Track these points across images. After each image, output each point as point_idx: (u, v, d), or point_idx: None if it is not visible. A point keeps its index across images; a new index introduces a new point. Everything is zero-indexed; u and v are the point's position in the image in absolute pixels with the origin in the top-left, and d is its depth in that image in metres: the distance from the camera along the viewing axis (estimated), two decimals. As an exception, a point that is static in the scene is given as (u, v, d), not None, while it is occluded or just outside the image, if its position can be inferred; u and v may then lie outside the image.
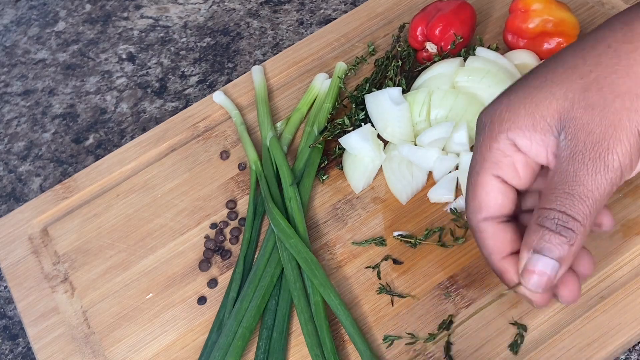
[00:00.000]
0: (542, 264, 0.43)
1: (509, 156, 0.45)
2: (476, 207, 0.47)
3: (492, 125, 0.46)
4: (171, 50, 0.95)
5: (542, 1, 0.71)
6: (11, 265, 0.71)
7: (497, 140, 0.45)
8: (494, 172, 0.46)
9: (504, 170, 0.46)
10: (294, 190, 0.68)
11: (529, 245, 0.44)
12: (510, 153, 0.45)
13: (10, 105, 0.94)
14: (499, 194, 0.46)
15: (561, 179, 0.43)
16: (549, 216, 0.43)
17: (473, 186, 0.47)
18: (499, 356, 0.57)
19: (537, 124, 0.44)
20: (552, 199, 0.43)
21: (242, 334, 0.60)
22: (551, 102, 0.43)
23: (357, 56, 0.78)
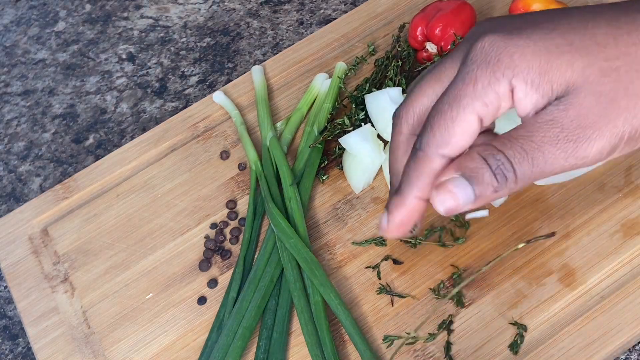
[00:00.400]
0: (461, 189, 0.41)
1: (499, 101, 0.42)
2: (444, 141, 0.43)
3: (499, 62, 0.42)
4: (171, 50, 0.95)
5: (542, 1, 0.71)
6: (11, 265, 0.71)
7: (498, 81, 0.42)
8: (480, 112, 0.43)
9: (488, 114, 0.43)
10: (294, 190, 0.68)
11: (460, 167, 0.42)
12: (504, 98, 0.42)
13: (10, 105, 0.94)
14: (471, 136, 0.43)
15: (527, 135, 0.41)
16: (496, 156, 0.41)
17: (450, 118, 0.43)
18: (499, 356, 0.57)
19: (542, 84, 0.41)
20: (507, 145, 0.41)
21: (242, 334, 0.60)
22: (566, 71, 0.41)
23: (357, 56, 0.78)
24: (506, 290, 0.61)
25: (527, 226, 0.63)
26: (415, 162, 0.44)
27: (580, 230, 0.62)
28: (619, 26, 0.42)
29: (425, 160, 0.44)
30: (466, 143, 0.43)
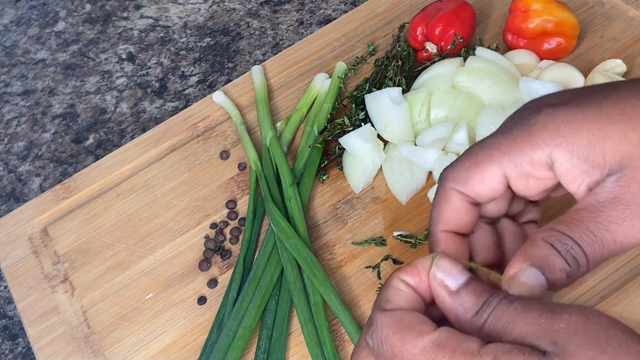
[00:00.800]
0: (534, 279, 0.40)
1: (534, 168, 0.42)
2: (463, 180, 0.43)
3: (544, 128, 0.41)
4: (171, 50, 0.95)
5: (542, 1, 0.71)
6: (11, 265, 0.71)
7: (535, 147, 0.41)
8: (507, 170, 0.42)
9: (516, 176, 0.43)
10: (294, 190, 0.68)
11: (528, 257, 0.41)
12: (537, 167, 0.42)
13: (10, 105, 0.94)
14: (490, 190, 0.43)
15: (591, 216, 0.40)
16: (563, 241, 0.40)
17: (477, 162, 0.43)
18: (499, 356, 0.57)
19: (592, 155, 0.40)
20: (573, 229, 0.40)
21: (242, 333, 0.60)
22: (620, 142, 0.39)
23: (357, 56, 0.78)
24: (506, 290, 0.60)
25: (527, 226, 0.63)
26: (436, 195, 0.45)
27: (580, 230, 0.62)
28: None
29: (442, 192, 0.44)
30: (485, 192, 0.43)
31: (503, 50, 0.74)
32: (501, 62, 0.70)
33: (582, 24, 0.74)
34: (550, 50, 0.72)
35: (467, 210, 0.44)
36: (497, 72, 0.68)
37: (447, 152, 0.67)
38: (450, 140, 0.66)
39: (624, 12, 0.76)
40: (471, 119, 0.67)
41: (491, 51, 0.71)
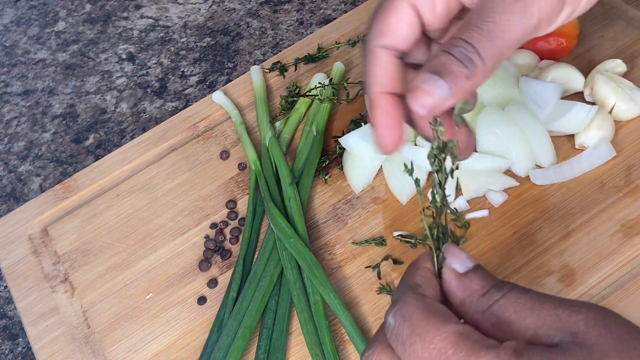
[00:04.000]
0: (434, 84, 0.41)
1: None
2: (380, 32, 0.45)
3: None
4: (171, 50, 0.95)
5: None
6: (11, 265, 0.71)
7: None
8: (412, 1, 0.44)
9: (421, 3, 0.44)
10: (293, 189, 0.68)
11: (428, 67, 0.42)
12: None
13: (10, 105, 0.94)
14: (407, 25, 0.45)
15: (477, 14, 0.42)
16: (456, 44, 0.42)
17: (384, 9, 0.45)
18: (499, 356, 0.57)
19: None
20: (463, 30, 0.42)
21: (243, 333, 0.60)
22: None
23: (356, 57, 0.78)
24: (506, 290, 0.60)
25: (527, 226, 0.63)
26: (364, 60, 0.46)
27: (580, 230, 0.62)
28: None
29: (370, 55, 0.45)
30: (404, 32, 0.44)
31: (503, 50, 0.74)
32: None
33: (582, 24, 0.74)
34: (550, 50, 0.72)
35: (396, 64, 0.45)
36: (497, 72, 0.68)
37: (447, 152, 0.67)
38: (450, 140, 0.66)
39: (624, 12, 0.76)
40: (471, 119, 0.67)
41: (491, 51, 0.71)
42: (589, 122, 0.65)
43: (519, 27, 0.41)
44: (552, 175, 0.65)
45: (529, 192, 0.65)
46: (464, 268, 0.40)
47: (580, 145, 0.67)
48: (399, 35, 0.45)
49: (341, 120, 0.74)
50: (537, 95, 0.67)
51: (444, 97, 0.42)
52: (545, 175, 0.65)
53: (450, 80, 0.42)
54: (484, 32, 0.41)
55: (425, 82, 0.42)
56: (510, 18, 0.41)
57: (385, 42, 0.45)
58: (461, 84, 0.42)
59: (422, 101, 0.42)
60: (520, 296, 0.36)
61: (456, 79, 0.42)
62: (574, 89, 0.70)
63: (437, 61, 0.42)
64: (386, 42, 0.45)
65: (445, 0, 0.45)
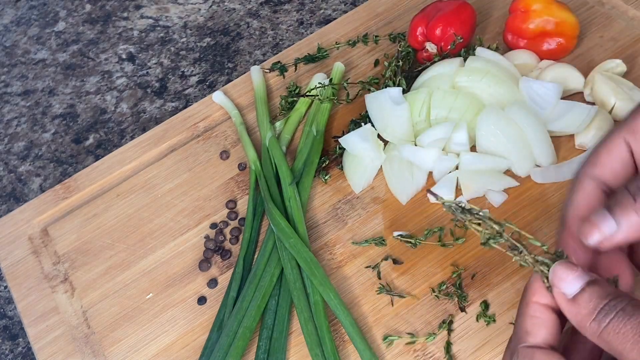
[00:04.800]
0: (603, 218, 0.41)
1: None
2: (590, 162, 0.45)
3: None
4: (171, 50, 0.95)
5: (542, 1, 0.71)
6: (11, 265, 0.71)
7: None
8: (626, 135, 0.44)
9: (636, 139, 0.44)
10: (293, 189, 0.68)
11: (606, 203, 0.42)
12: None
13: (10, 105, 0.95)
14: (618, 159, 0.44)
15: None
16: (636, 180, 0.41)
17: (601, 142, 0.45)
18: (499, 356, 0.57)
19: None
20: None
21: (243, 333, 0.60)
22: None
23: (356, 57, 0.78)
24: (506, 290, 0.61)
25: (527, 226, 0.63)
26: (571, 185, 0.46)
27: (580, 230, 0.62)
28: None
29: (576, 183, 0.45)
30: (615, 166, 0.44)
31: (503, 50, 0.74)
32: (501, 62, 0.70)
33: (582, 24, 0.74)
34: (550, 50, 0.72)
35: (598, 196, 0.45)
36: (497, 72, 0.68)
37: (447, 152, 0.67)
38: (450, 140, 0.66)
39: (624, 12, 0.76)
40: (471, 119, 0.67)
41: (491, 51, 0.71)
42: (589, 122, 0.65)
43: None
44: (553, 174, 0.65)
45: (529, 192, 0.65)
46: (572, 291, 0.40)
47: (580, 145, 0.67)
48: (608, 167, 0.44)
49: (341, 120, 0.74)
50: (537, 95, 0.67)
51: (610, 231, 0.41)
52: (545, 173, 0.65)
53: (618, 214, 0.41)
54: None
55: (595, 216, 0.42)
56: None
57: (593, 173, 0.45)
58: (630, 219, 0.41)
59: (588, 234, 0.42)
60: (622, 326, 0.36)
61: (624, 213, 0.41)
62: (574, 89, 0.70)
63: (614, 197, 0.42)
64: (594, 173, 0.45)
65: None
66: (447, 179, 0.66)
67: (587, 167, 0.45)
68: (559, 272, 0.40)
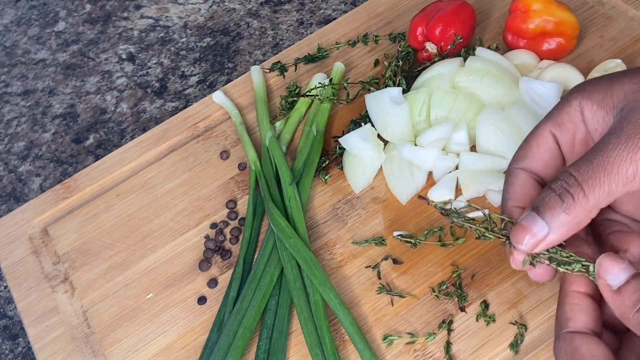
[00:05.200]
0: (531, 221, 0.42)
1: (573, 123, 0.45)
2: (521, 155, 0.47)
3: (571, 93, 0.46)
4: (171, 50, 0.95)
5: (542, 1, 0.71)
6: (11, 265, 0.71)
7: (568, 104, 0.46)
8: (552, 128, 0.46)
9: (561, 131, 0.46)
10: (293, 189, 0.68)
11: (532, 204, 0.44)
12: (576, 120, 0.45)
13: (10, 105, 0.95)
14: (547, 151, 0.46)
15: (592, 149, 0.42)
16: (560, 177, 0.42)
17: (527, 137, 0.48)
18: (499, 356, 0.57)
19: (605, 101, 0.44)
20: (573, 164, 0.43)
21: (243, 333, 0.60)
22: (624, 84, 0.44)
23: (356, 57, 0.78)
24: (506, 290, 0.61)
25: (527, 226, 0.63)
26: (505, 182, 0.48)
27: (580, 230, 0.62)
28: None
29: (509, 175, 0.47)
30: (542, 156, 0.46)
31: (503, 50, 0.74)
32: (501, 62, 0.70)
33: (582, 24, 0.74)
34: (550, 50, 0.72)
35: (532, 184, 0.47)
36: (497, 72, 0.68)
37: (447, 152, 0.67)
38: (450, 140, 0.66)
39: (624, 12, 0.76)
40: (471, 119, 0.67)
41: (491, 51, 0.71)
42: (589, 122, 0.65)
43: (630, 163, 0.40)
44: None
45: (529, 192, 0.65)
46: (617, 282, 0.41)
47: (580, 145, 0.67)
48: (538, 159, 0.46)
49: (341, 120, 0.74)
50: (537, 95, 0.67)
51: (543, 234, 0.42)
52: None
53: (548, 215, 0.42)
54: (591, 165, 0.41)
55: (524, 219, 0.43)
56: (622, 153, 0.40)
57: (524, 165, 0.47)
58: (559, 219, 0.42)
59: (520, 238, 0.43)
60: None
61: (553, 214, 0.42)
62: (574, 89, 0.70)
63: (539, 196, 0.43)
64: (525, 165, 0.47)
65: (584, 139, 0.46)
66: (447, 179, 0.66)
67: (518, 160, 0.47)
68: (605, 265, 0.41)
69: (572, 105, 0.45)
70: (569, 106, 0.46)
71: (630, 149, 0.40)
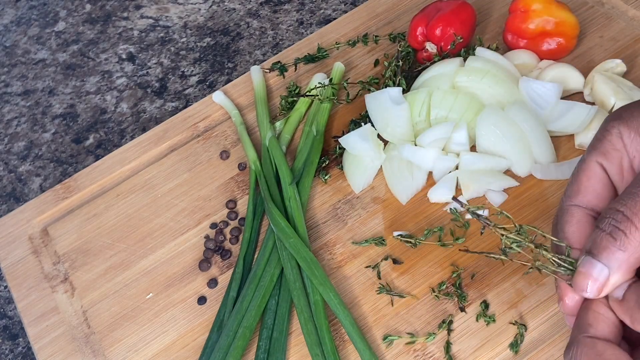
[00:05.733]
0: (589, 266, 0.42)
1: (617, 150, 0.45)
2: (573, 191, 0.46)
3: (609, 121, 0.46)
4: (171, 50, 0.95)
5: (542, 1, 0.71)
6: (11, 265, 0.71)
7: (608, 132, 0.45)
8: (598, 159, 0.46)
9: (608, 161, 0.45)
10: (293, 189, 0.68)
11: (586, 248, 0.43)
12: (619, 148, 0.45)
13: (10, 105, 0.95)
14: (598, 183, 0.46)
15: (634, 181, 0.42)
16: (607, 214, 0.42)
17: (576, 171, 0.47)
18: (499, 356, 0.57)
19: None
20: (617, 199, 0.42)
21: (243, 333, 0.60)
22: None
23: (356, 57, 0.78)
24: (506, 290, 0.61)
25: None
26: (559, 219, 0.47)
27: (580, 230, 0.62)
28: None
29: (565, 214, 0.46)
30: (595, 189, 0.45)
31: (503, 50, 0.74)
32: (501, 62, 0.70)
33: (582, 24, 0.74)
34: (550, 50, 0.72)
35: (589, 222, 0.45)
36: (497, 72, 0.68)
37: (447, 152, 0.67)
38: (450, 140, 0.66)
39: (624, 12, 0.76)
40: (471, 119, 0.67)
41: (491, 51, 0.71)
42: (589, 122, 0.65)
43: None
44: (553, 171, 0.65)
45: (529, 192, 0.65)
46: (620, 293, 0.41)
47: (580, 145, 0.67)
48: (591, 192, 0.45)
49: (341, 120, 0.75)
50: (537, 95, 0.67)
51: (604, 276, 0.41)
52: (546, 170, 0.65)
53: (604, 257, 0.41)
54: (637, 197, 0.41)
55: (582, 265, 0.42)
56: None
57: (578, 201, 0.46)
58: (617, 258, 0.41)
59: (583, 286, 0.42)
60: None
61: (609, 254, 0.41)
62: (574, 89, 0.70)
63: (591, 239, 0.42)
64: (580, 201, 0.46)
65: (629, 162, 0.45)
66: (447, 179, 0.66)
67: (571, 197, 0.46)
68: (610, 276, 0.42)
69: (612, 133, 0.45)
70: (610, 135, 0.45)
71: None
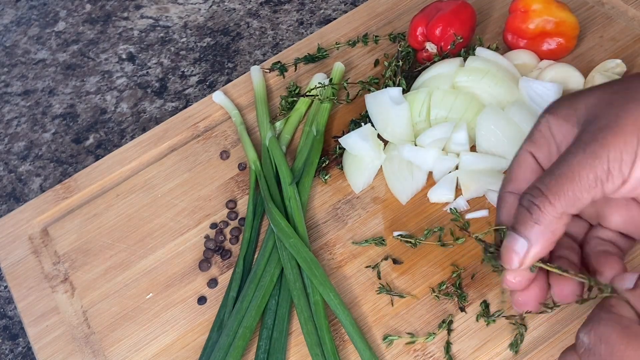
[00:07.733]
0: (512, 240, 0.45)
1: (545, 138, 0.47)
2: (507, 179, 0.49)
3: (543, 112, 0.48)
4: (171, 50, 0.96)
5: (542, 1, 0.71)
6: (11, 265, 0.71)
7: (538, 122, 0.48)
8: (529, 148, 0.48)
9: (537, 149, 0.48)
10: (293, 189, 0.68)
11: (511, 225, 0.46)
12: (547, 136, 0.47)
13: (10, 105, 0.95)
14: (528, 169, 0.48)
15: (556, 161, 0.45)
16: (527, 191, 0.45)
17: (512, 161, 0.49)
18: (499, 356, 0.57)
19: (569, 115, 0.46)
20: (539, 178, 0.45)
21: (243, 333, 0.60)
22: (586, 98, 0.46)
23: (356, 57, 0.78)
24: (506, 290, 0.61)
25: (527, 226, 0.63)
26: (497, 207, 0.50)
27: (580, 230, 0.62)
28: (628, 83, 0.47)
29: (499, 200, 0.49)
30: (524, 176, 0.48)
31: (503, 50, 0.74)
32: (501, 62, 0.70)
33: (582, 24, 0.74)
34: (550, 50, 0.72)
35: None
36: (497, 72, 0.68)
37: (447, 152, 0.67)
38: (450, 140, 0.66)
39: (624, 12, 0.76)
40: (471, 119, 0.67)
41: (491, 51, 0.71)
42: (588, 122, 0.65)
43: (589, 170, 0.42)
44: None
45: (529, 192, 0.65)
46: (631, 282, 0.43)
47: (580, 145, 0.67)
48: (522, 179, 0.48)
49: (341, 120, 0.75)
50: (537, 95, 0.67)
51: (523, 249, 0.44)
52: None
53: (522, 230, 0.44)
54: (554, 175, 0.44)
55: (506, 239, 0.45)
56: (581, 161, 0.43)
57: (511, 188, 0.49)
58: (533, 231, 0.44)
59: (508, 259, 0.45)
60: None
61: (526, 227, 0.44)
62: (573, 89, 0.70)
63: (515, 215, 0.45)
64: (512, 188, 0.49)
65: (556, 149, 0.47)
66: (447, 179, 0.66)
67: (505, 185, 0.49)
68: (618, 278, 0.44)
69: (541, 123, 0.48)
70: (540, 124, 0.48)
71: (588, 156, 0.43)
